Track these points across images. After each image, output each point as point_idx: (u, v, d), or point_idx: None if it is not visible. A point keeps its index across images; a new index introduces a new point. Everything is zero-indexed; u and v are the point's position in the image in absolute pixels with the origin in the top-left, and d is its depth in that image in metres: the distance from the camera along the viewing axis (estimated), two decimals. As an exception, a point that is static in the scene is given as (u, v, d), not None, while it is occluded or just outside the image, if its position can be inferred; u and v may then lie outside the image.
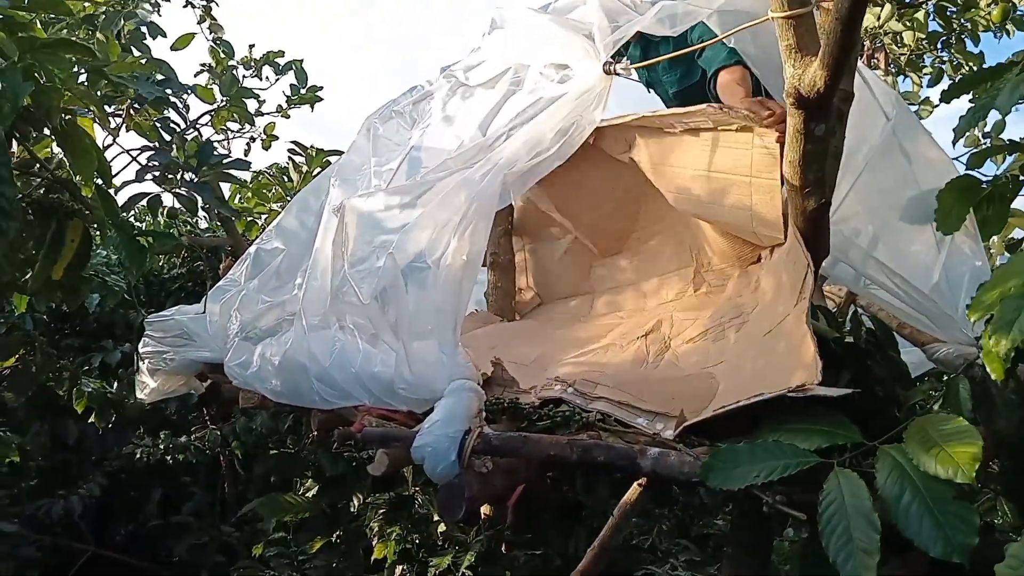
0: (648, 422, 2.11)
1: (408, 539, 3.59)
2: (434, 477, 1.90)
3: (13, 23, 2.16)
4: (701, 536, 4.14)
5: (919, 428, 1.45)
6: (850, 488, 1.39)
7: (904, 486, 1.38)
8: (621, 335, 2.82)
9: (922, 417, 1.50)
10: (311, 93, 4.70)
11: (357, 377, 2.13)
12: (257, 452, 4.69)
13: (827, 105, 1.62)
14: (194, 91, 3.75)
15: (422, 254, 2.06)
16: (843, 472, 1.44)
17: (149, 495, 5.29)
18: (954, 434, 1.39)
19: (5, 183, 2.02)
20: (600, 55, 2.10)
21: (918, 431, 1.44)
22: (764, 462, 1.50)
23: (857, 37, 1.49)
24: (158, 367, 2.86)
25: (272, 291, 2.69)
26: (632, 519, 3.82)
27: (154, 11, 3.47)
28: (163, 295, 5.28)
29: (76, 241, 2.63)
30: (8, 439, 4.28)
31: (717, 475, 1.56)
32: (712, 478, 1.57)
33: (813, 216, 1.80)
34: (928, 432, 1.42)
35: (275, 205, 4.77)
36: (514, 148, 2.16)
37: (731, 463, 1.55)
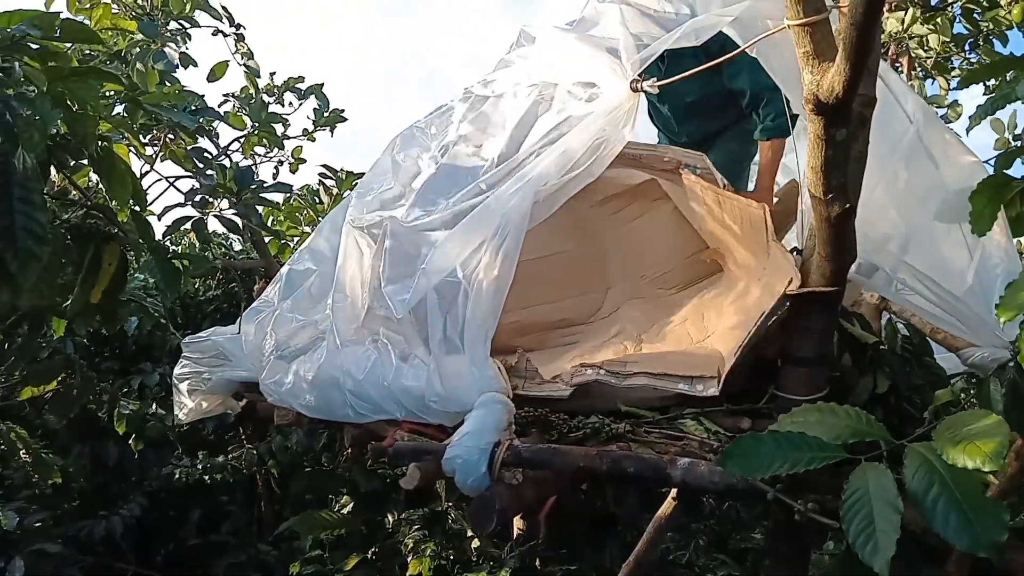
0: (689, 386, 2.13)
1: (443, 555, 3.61)
2: (465, 489, 1.91)
3: (46, 53, 2.24)
4: (739, 551, 4.10)
5: (948, 425, 1.43)
6: (876, 479, 1.37)
7: (932, 480, 1.36)
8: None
9: (952, 416, 1.48)
10: (334, 115, 4.80)
11: (389, 391, 2.17)
12: (293, 471, 4.74)
13: (846, 110, 1.61)
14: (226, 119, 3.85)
15: (454, 270, 2.10)
16: (870, 465, 1.41)
17: (188, 515, 5.36)
18: (982, 429, 1.37)
19: (38, 209, 2.07)
20: (627, 73, 2.12)
21: (947, 428, 1.43)
22: (788, 453, 1.45)
23: (874, 41, 1.50)
24: (196, 387, 2.92)
25: (305, 310, 2.74)
26: (667, 533, 3.80)
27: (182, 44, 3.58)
28: (199, 317, 5.39)
29: (113, 265, 2.70)
30: (50, 461, 4.36)
31: (737, 463, 1.51)
32: (732, 466, 1.52)
33: (837, 222, 1.79)
34: (957, 428, 1.41)
35: (307, 227, 4.86)
36: (544, 166, 2.19)
37: (752, 452, 1.50)
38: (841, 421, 1.53)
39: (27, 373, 4.03)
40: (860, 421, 1.53)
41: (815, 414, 1.57)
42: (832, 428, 1.52)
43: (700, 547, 4.13)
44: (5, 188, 2.03)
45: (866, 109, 1.81)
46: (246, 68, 4.36)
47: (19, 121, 2.00)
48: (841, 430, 1.50)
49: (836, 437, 1.49)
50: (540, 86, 2.38)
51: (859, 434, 1.50)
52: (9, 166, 2.03)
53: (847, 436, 1.49)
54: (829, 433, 1.50)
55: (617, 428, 2.16)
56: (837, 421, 1.53)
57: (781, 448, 1.48)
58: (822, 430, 1.51)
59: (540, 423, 2.21)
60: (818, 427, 1.53)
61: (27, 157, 2.06)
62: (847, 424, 1.52)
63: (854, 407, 1.57)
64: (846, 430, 1.50)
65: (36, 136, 2.02)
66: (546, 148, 2.17)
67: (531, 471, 2.00)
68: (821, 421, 1.55)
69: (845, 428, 1.51)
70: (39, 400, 4.59)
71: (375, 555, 4.02)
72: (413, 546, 3.71)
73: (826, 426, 1.52)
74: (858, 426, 1.52)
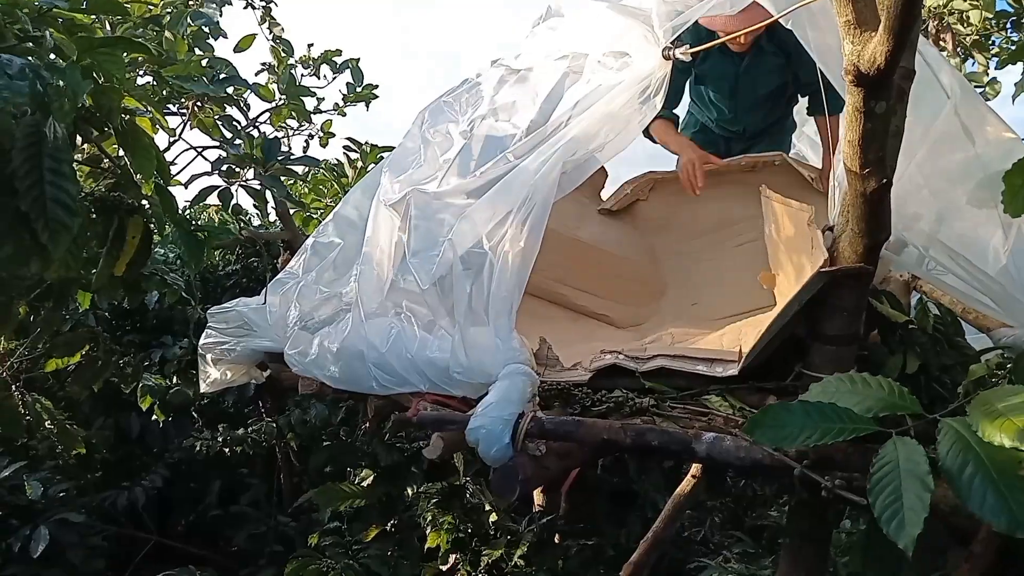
0: (708, 368, 2.13)
1: (461, 528, 3.63)
2: (488, 459, 1.92)
3: (73, 24, 2.23)
4: (755, 528, 4.10)
5: (983, 400, 1.39)
6: (907, 453, 1.34)
7: (967, 458, 1.32)
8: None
9: (987, 391, 1.44)
10: (367, 91, 4.78)
11: (413, 362, 2.17)
12: (312, 443, 4.78)
13: (887, 82, 1.58)
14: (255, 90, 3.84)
15: (480, 241, 2.09)
16: (901, 440, 1.38)
17: (209, 486, 5.43)
18: (1020, 405, 1.33)
19: (68, 180, 2.08)
20: (660, 40, 2.09)
21: (982, 403, 1.39)
22: (816, 424, 1.42)
23: (919, 9, 1.46)
24: (220, 357, 2.94)
25: (329, 282, 2.75)
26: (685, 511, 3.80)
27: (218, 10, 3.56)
28: (219, 291, 5.41)
29: (137, 238, 2.71)
30: (74, 432, 4.42)
31: (765, 432, 1.48)
32: (759, 436, 1.49)
33: (873, 197, 1.76)
34: (993, 403, 1.37)
35: (330, 200, 4.86)
36: (572, 137, 2.16)
37: (781, 422, 1.47)
38: (873, 392, 1.49)
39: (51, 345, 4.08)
40: (892, 393, 1.49)
41: (847, 383, 1.53)
42: (863, 400, 1.48)
43: (716, 524, 4.14)
44: (36, 159, 2.03)
45: (905, 82, 1.77)
46: (274, 41, 4.35)
47: (49, 90, 2.00)
48: (873, 402, 1.46)
49: (867, 409, 1.45)
50: (570, 56, 2.35)
51: (891, 407, 1.46)
52: (40, 136, 2.03)
53: (878, 408, 1.45)
54: (860, 405, 1.46)
55: (641, 403, 2.15)
56: (869, 392, 1.49)
57: (811, 418, 1.45)
58: (853, 401, 1.48)
59: (563, 397, 2.21)
60: (849, 397, 1.49)
61: (58, 127, 2.06)
62: (879, 396, 1.48)
63: (887, 379, 1.54)
64: (878, 402, 1.46)
65: (66, 105, 2.02)
66: (575, 118, 2.14)
67: (554, 443, 2.00)
68: (852, 391, 1.51)
69: (877, 400, 1.47)
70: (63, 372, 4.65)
71: (393, 527, 4.06)
72: (431, 519, 3.74)
73: (857, 397, 1.49)
74: (890, 398, 1.48)
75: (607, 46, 2.22)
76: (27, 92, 1.92)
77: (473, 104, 2.59)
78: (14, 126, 2.00)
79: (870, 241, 1.85)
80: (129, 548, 5.20)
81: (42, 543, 4.15)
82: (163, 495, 5.24)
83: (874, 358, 2.17)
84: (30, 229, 2.08)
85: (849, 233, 1.88)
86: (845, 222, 1.92)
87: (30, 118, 2.03)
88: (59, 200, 2.05)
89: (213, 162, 2.70)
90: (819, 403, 1.47)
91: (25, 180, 2.02)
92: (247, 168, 2.70)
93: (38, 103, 1.98)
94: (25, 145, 2.02)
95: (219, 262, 5.79)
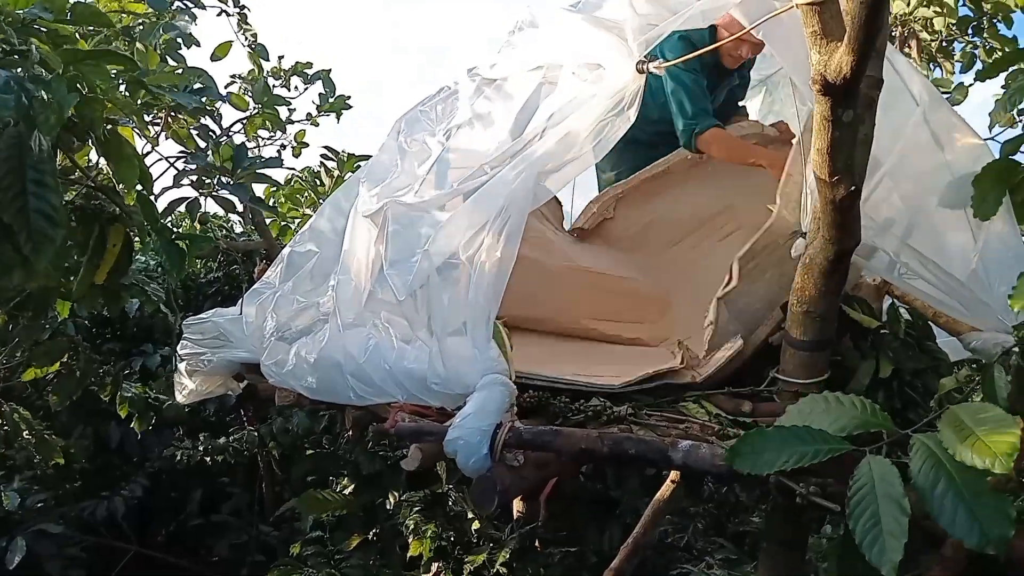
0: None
1: (443, 536, 3.62)
2: (466, 470, 1.92)
3: (57, 35, 2.22)
4: (737, 534, 4.12)
5: (954, 416, 1.42)
6: (881, 473, 1.37)
7: (939, 476, 1.35)
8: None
9: (957, 406, 1.47)
10: (339, 102, 4.78)
11: (391, 373, 2.17)
12: (294, 452, 4.76)
13: (854, 91, 1.60)
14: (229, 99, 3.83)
15: (456, 252, 2.09)
16: (875, 459, 1.41)
17: (189, 495, 5.39)
18: (990, 422, 1.36)
19: (51, 191, 2.08)
20: (633, 54, 2.11)
21: (953, 419, 1.41)
22: (793, 448, 1.46)
23: (883, 21, 1.48)
24: (196, 368, 2.92)
25: (306, 292, 2.74)
26: (666, 516, 3.81)
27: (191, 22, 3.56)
28: (200, 299, 5.39)
29: (118, 246, 2.70)
30: (53, 442, 4.38)
31: (744, 460, 1.52)
32: (739, 463, 1.53)
33: (843, 204, 1.78)
34: (963, 420, 1.39)
35: (307, 209, 4.85)
36: (547, 148, 2.17)
37: (759, 448, 1.52)
38: (847, 411, 1.53)
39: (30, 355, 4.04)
40: (865, 411, 1.53)
41: (820, 403, 1.57)
42: (837, 419, 1.52)
43: (698, 530, 4.15)
44: (19, 170, 2.03)
45: (873, 91, 1.80)
46: (250, 49, 4.34)
47: (35, 103, 1.99)
48: (846, 421, 1.51)
49: (841, 428, 1.50)
50: (545, 68, 2.36)
51: (864, 425, 1.50)
52: (24, 148, 2.03)
53: (852, 427, 1.49)
54: (834, 424, 1.51)
55: (618, 411, 2.16)
56: (842, 411, 1.53)
57: (787, 442, 1.49)
58: (827, 421, 1.52)
59: (541, 407, 2.21)
60: (823, 418, 1.53)
61: (43, 139, 2.06)
62: (852, 415, 1.52)
63: (860, 397, 1.57)
64: (851, 421, 1.50)
65: (52, 119, 2.02)
66: (550, 130, 2.15)
67: (532, 453, 2.00)
68: (826, 411, 1.55)
69: (850, 419, 1.51)
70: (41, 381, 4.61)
71: (376, 536, 4.04)
72: (414, 527, 3.73)
73: (831, 416, 1.53)
74: (863, 416, 1.52)
75: (582, 58, 2.24)
76: (12, 105, 1.92)
77: (449, 114, 2.59)
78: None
79: (840, 248, 1.87)
80: (108, 559, 5.14)
81: (19, 554, 4.11)
82: (143, 505, 5.20)
83: (847, 363, 2.19)
84: (12, 241, 2.07)
85: (820, 240, 1.90)
86: (816, 229, 1.94)
87: (12, 129, 2.02)
88: (42, 211, 2.05)
89: (176, 175, 2.69)
90: (794, 427, 1.51)
91: (8, 192, 2.03)
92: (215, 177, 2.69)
93: (23, 116, 1.97)
94: (7, 157, 2.02)
95: (201, 270, 5.77)
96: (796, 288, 2.01)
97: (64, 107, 2.05)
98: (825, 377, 2.10)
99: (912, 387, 2.16)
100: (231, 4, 4.25)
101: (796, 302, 2.02)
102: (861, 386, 2.14)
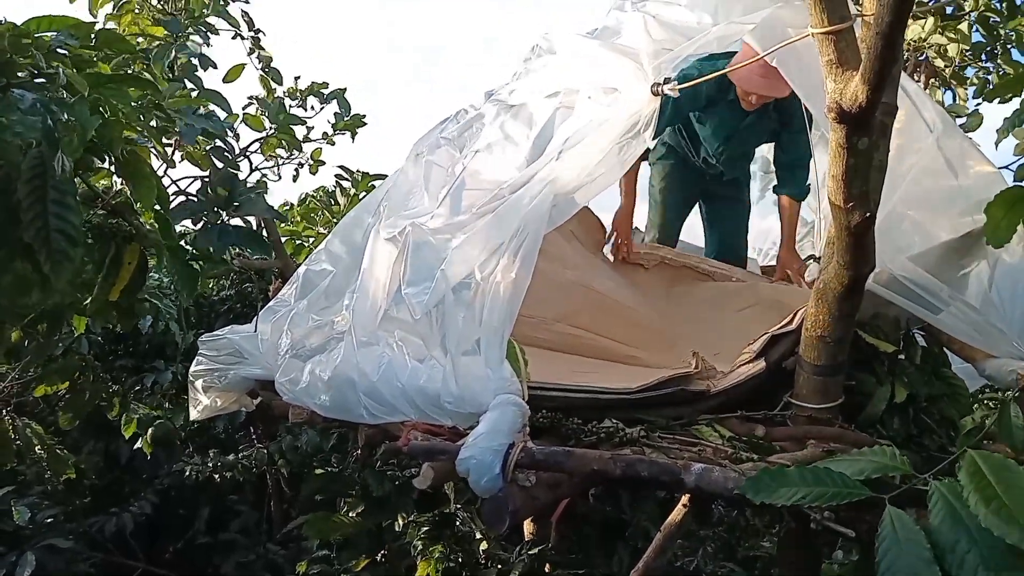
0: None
1: (451, 558, 3.61)
2: (478, 490, 1.92)
3: (80, 60, 2.27)
4: (747, 558, 4.08)
5: (975, 467, 1.38)
6: (905, 532, 1.35)
7: (959, 535, 1.32)
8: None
9: (978, 452, 1.43)
10: (355, 120, 4.84)
11: (404, 391, 2.18)
12: (303, 471, 4.75)
13: (869, 119, 1.62)
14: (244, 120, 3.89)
15: (472, 272, 2.11)
16: (896, 514, 1.39)
17: (198, 513, 5.39)
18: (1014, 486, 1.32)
19: (71, 211, 2.11)
20: (649, 77, 2.13)
21: (974, 470, 1.38)
22: (812, 487, 1.46)
23: (899, 50, 1.50)
24: (211, 384, 2.94)
25: (321, 311, 2.75)
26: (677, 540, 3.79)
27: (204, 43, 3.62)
28: (213, 317, 5.41)
29: (133, 264, 2.73)
30: (64, 457, 4.40)
31: (762, 492, 1.52)
32: (756, 495, 1.53)
33: (857, 230, 1.80)
34: (984, 474, 1.36)
35: (322, 229, 4.89)
36: (563, 170, 2.19)
37: (775, 485, 1.51)
38: (867, 456, 1.53)
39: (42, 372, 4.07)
40: (885, 456, 1.52)
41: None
42: (855, 462, 1.52)
43: (708, 554, 4.12)
44: (41, 191, 2.07)
45: (888, 118, 1.82)
46: (263, 72, 4.40)
47: (59, 126, 2.04)
48: (865, 464, 1.50)
49: (860, 471, 1.49)
50: (562, 92, 2.39)
51: (883, 469, 1.49)
52: (47, 169, 2.07)
53: (871, 471, 1.49)
54: (852, 467, 1.50)
55: (631, 433, 2.15)
56: (863, 455, 1.53)
57: (805, 482, 1.48)
58: (846, 465, 1.51)
59: (553, 427, 2.21)
60: (843, 463, 1.53)
61: (66, 160, 2.10)
62: (871, 459, 1.52)
63: (882, 447, 1.56)
64: (870, 464, 1.50)
65: (76, 141, 2.06)
66: (566, 152, 2.18)
67: (544, 473, 2.01)
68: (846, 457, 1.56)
69: (869, 463, 1.50)
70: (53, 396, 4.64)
71: (383, 557, 4.03)
72: (422, 548, 3.71)
73: (850, 460, 1.53)
74: (882, 460, 1.51)
75: (598, 82, 2.27)
76: (39, 127, 1.97)
77: (468, 139, 2.63)
78: (20, 159, 2.03)
79: (855, 273, 1.88)
80: (116, 575, 5.14)
81: (28, 569, 4.11)
82: (152, 521, 5.20)
83: (862, 388, 2.20)
84: (32, 259, 2.11)
85: (835, 266, 1.91)
86: (831, 255, 1.95)
87: (35, 151, 2.06)
88: (62, 231, 2.09)
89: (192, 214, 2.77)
90: (814, 467, 1.51)
91: (29, 212, 2.06)
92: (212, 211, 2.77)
93: (47, 137, 2.02)
94: (30, 177, 2.06)
95: (213, 288, 5.80)
96: (810, 313, 2.02)
97: (87, 129, 2.09)
98: (839, 402, 2.10)
99: (928, 413, 2.16)
100: (245, 28, 4.32)
101: (810, 327, 2.03)
102: (877, 411, 2.14)
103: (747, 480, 1.57)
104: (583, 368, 2.74)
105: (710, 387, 2.30)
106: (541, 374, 2.22)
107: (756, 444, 2.12)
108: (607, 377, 2.49)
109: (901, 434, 2.14)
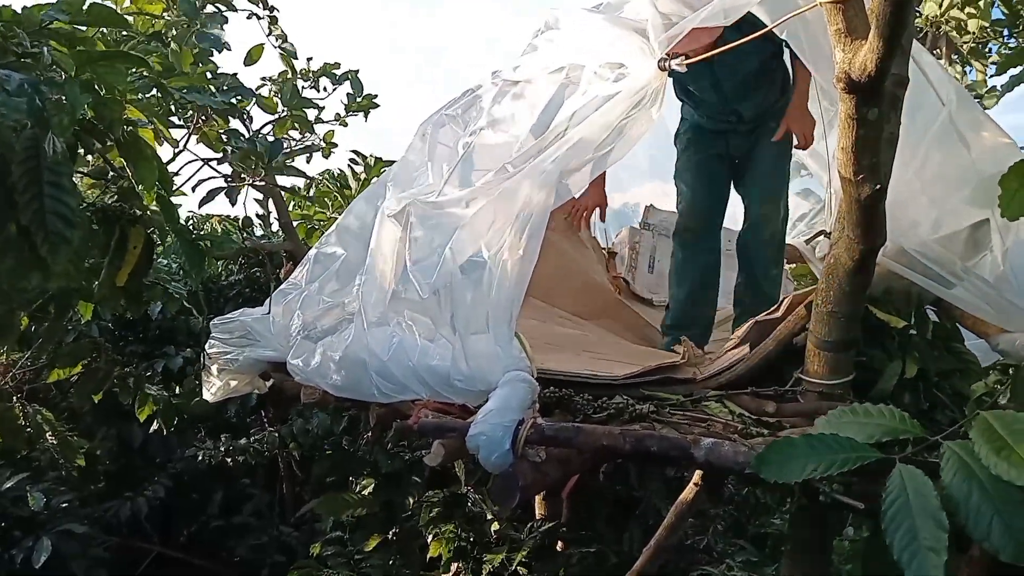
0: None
1: (462, 536, 3.63)
2: (488, 466, 1.92)
3: (73, 37, 2.25)
4: (758, 536, 4.09)
5: (985, 424, 1.39)
6: (914, 486, 1.34)
7: (972, 487, 1.33)
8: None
9: (989, 412, 1.42)
10: (367, 101, 4.83)
11: (414, 370, 2.18)
12: (314, 453, 4.79)
13: (879, 89, 1.60)
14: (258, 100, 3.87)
15: (479, 250, 2.10)
16: (906, 469, 1.38)
17: (211, 496, 5.44)
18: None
19: (68, 193, 2.09)
20: (655, 52, 2.11)
21: (985, 427, 1.38)
22: (821, 456, 1.44)
23: (909, 17, 1.48)
24: (224, 367, 2.96)
25: (332, 292, 2.77)
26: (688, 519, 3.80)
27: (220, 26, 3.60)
28: (222, 301, 5.44)
29: (139, 248, 2.72)
30: (77, 443, 4.43)
31: (771, 469, 1.50)
32: (766, 471, 1.51)
33: (868, 203, 1.78)
34: (996, 429, 1.37)
35: (334, 212, 4.89)
36: (570, 147, 2.17)
37: (786, 457, 1.49)
38: (875, 419, 1.51)
39: (53, 356, 4.09)
40: (894, 418, 1.50)
41: (848, 414, 1.55)
42: (865, 427, 1.50)
43: (719, 532, 4.13)
44: (35, 172, 2.05)
45: (898, 89, 1.79)
46: (281, 50, 4.39)
47: (48, 105, 2.02)
48: (874, 429, 1.48)
49: (869, 436, 1.47)
50: (568, 68, 2.37)
51: (893, 432, 1.48)
52: (39, 150, 2.05)
53: (880, 434, 1.47)
54: (862, 432, 1.48)
55: (641, 409, 2.16)
56: (870, 419, 1.51)
57: (815, 451, 1.47)
58: (855, 429, 1.49)
59: (563, 404, 2.22)
60: (851, 427, 1.51)
61: (57, 141, 2.08)
62: (880, 422, 1.50)
63: (888, 405, 1.54)
64: (879, 428, 1.48)
65: (65, 120, 2.04)
66: (572, 128, 2.16)
67: (554, 449, 2.01)
68: (854, 421, 1.53)
69: (878, 427, 1.48)
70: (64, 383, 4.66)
71: (395, 537, 4.06)
72: (433, 528, 3.74)
73: (859, 425, 1.50)
74: (891, 423, 1.50)
75: (604, 57, 2.24)
76: (25, 108, 1.95)
77: (474, 117, 2.61)
78: (14, 140, 2.02)
79: (866, 247, 1.86)
80: (131, 559, 5.21)
81: (44, 554, 4.16)
82: (165, 505, 5.26)
83: (872, 364, 2.18)
84: (30, 242, 2.09)
85: (845, 239, 1.89)
86: (841, 228, 1.93)
87: (29, 132, 2.04)
88: (58, 213, 2.06)
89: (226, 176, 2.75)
90: (821, 435, 1.49)
91: (25, 194, 2.04)
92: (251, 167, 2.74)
93: (36, 118, 2.00)
94: (24, 159, 2.04)
95: (222, 272, 5.82)
96: (821, 288, 2.01)
97: (76, 108, 2.06)
98: (850, 378, 2.09)
99: (940, 388, 2.14)
100: (261, 6, 4.29)
101: (821, 302, 2.01)
102: (888, 387, 2.12)
103: (755, 456, 1.56)
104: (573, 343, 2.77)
105: (696, 374, 2.30)
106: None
107: (767, 420, 2.11)
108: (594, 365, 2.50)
109: (912, 409, 2.12)
